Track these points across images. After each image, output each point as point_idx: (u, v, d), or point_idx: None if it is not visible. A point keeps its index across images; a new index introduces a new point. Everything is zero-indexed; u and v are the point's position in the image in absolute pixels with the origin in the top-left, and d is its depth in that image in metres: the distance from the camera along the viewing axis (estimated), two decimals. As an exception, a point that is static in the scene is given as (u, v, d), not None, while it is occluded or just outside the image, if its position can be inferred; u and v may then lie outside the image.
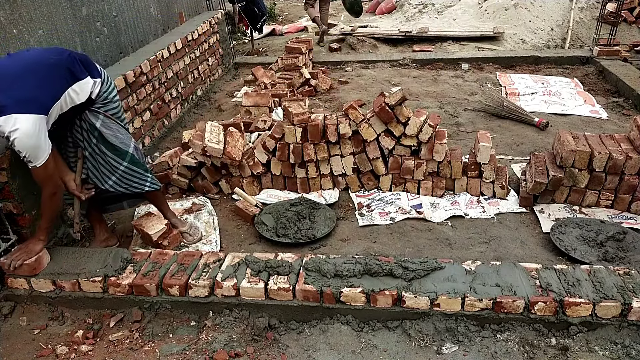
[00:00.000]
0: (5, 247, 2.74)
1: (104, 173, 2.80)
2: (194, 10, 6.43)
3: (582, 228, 3.07)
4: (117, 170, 2.79)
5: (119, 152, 2.76)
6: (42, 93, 2.32)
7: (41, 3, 3.49)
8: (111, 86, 2.74)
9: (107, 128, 2.70)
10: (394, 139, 3.45)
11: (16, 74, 2.28)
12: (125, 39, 4.71)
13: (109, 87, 2.71)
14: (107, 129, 2.70)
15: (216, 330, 2.46)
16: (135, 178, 2.86)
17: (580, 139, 3.32)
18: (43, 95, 2.32)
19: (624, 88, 5.27)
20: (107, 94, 2.69)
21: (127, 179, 2.84)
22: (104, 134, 2.70)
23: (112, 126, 2.73)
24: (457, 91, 5.61)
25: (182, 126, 5.02)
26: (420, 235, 3.17)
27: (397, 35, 7.63)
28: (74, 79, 2.47)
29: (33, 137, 2.24)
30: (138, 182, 2.88)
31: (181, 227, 3.16)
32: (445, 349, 2.31)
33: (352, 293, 2.42)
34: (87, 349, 2.40)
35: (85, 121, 2.67)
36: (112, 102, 2.73)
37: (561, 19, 7.69)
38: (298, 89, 5.52)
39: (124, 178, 2.83)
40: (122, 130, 2.79)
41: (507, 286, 2.39)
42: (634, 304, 2.26)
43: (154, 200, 3.12)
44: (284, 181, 3.69)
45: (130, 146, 2.81)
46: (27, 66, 2.33)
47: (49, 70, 2.38)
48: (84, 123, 2.68)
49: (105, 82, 2.68)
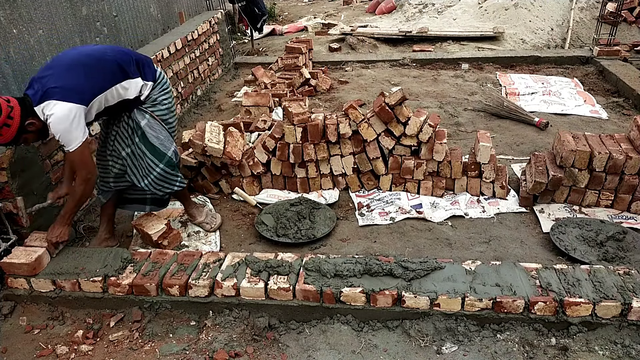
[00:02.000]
0: (5, 247, 2.74)
1: (141, 173, 2.93)
2: (194, 10, 6.42)
3: (582, 228, 3.07)
4: (153, 171, 2.91)
5: (157, 154, 2.88)
6: (85, 85, 2.50)
7: (41, 3, 3.49)
8: (165, 90, 2.89)
9: (150, 128, 2.83)
10: (394, 139, 3.45)
11: (69, 65, 2.50)
12: (125, 39, 4.71)
13: (161, 91, 2.86)
14: (151, 129, 2.83)
15: (216, 330, 2.46)
16: (168, 181, 2.98)
17: (580, 139, 3.32)
18: (86, 87, 2.51)
19: (624, 88, 5.26)
20: (158, 96, 2.85)
21: (162, 180, 2.96)
22: (146, 133, 2.83)
23: (156, 127, 2.86)
24: (457, 91, 5.61)
25: (182, 126, 5.01)
26: (420, 235, 3.17)
27: (397, 35, 7.63)
28: (125, 77, 2.65)
29: (65, 123, 2.41)
30: (170, 184, 3.01)
31: (199, 217, 3.29)
32: (445, 349, 2.31)
33: (352, 293, 2.42)
34: (87, 348, 2.40)
35: (132, 119, 2.82)
36: (161, 104, 2.86)
37: (561, 19, 7.69)
38: (298, 89, 5.52)
39: (159, 180, 2.94)
40: (165, 132, 2.91)
41: (507, 286, 2.39)
42: (634, 304, 2.26)
43: (181, 195, 3.25)
44: (284, 181, 3.69)
45: (170, 149, 2.93)
46: (80, 58, 2.55)
47: (99, 64, 2.58)
48: (131, 121, 2.83)
49: (158, 85, 2.85)
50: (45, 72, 2.49)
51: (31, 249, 2.69)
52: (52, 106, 2.39)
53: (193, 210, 3.32)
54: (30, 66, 3.30)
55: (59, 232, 2.69)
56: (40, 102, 2.41)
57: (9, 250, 2.73)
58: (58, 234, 2.69)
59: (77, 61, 2.53)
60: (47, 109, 2.40)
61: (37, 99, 2.41)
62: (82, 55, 2.59)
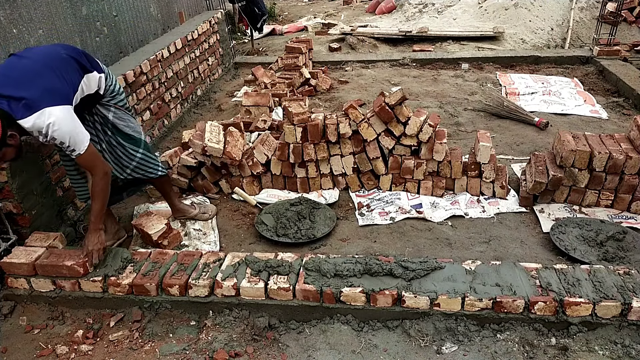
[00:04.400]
0: (5, 247, 2.74)
1: (123, 163, 2.93)
2: (194, 10, 6.42)
3: (582, 228, 3.07)
4: (134, 158, 2.93)
5: (134, 141, 2.90)
6: (64, 85, 2.40)
7: (41, 3, 3.49)
8: (114, 79, 2.83)
9: (119, 119, 2.83)
10: (394, 139, 3.45)
11: (36, 71, 2.33)
12: (125, 39, 4.71)
13: (112, 81, 2.81)
14: (120, 119, 2.83)
15: (216, 330, 2.46)
16: (150, 164, 3.02)
17: (580, 139, 3.32)
18: (65, 87, 2.40)
19: (624, 88, 5.26)
20: (113, 87, 2.79)
21: (145, 164, 2.99)
22: (117, 125, 2.82)
23: (124, 117, 2.86)
24: (457, 91, 5.61)
25: (182, 126, 5.01)
26: (420, 235, 3.17)
27: (397, 35, 7.63)
28: (84, 72, 2.56)
29: (70, 124, 2.33)
30: (153, 167, 3.05)
31: (192, 210, 3.28)
32: (445, 349, 2.31)
33: (352, 293, 2.42)
34: (87, 348, 2.40)
35: (97, 115, 2.78)
36: (119, 94, 2.84)
37: (561, 19, 7.68)
38: (298, 88, 5.52)
39: (142, 165, 2.98)
40: (132, 119, 2.92)
41: (507, 286, 2.39)
42: (634, 304, 2.26)
43: (163, 186, 3.22)
44: (284, 181, 3.69)
45: (142, 134, 2.97)
46: (44, 62, 2.40)
47: (64, 64, 2.46)
48: (97, 117, 2.79)
49: (108, 76, 2.77)
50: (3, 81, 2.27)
51: (31, 249, 2.69)
52: (48, 113, 2.25)
53: (182, 205, 3.31)
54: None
55: (96, 240, 2.64)
56: (26, 115, 2.22)
57: (9, 250, 2.73)
58: (96, 241, 2.64)
59: (43, 64, 2.37)
60: (42, 117, 2.24)
61: (20, 112, 2.22)
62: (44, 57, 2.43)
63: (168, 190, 3.27)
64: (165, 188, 3.24)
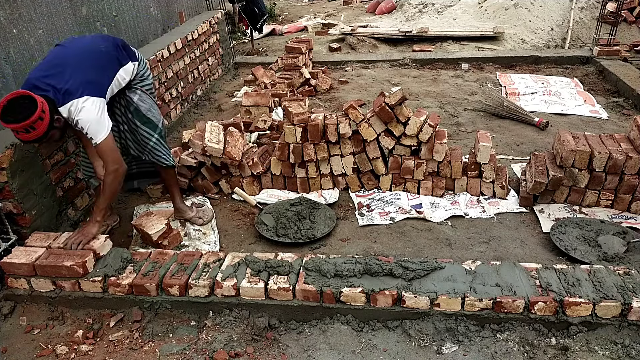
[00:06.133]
0: (5, 247, 2.74)
1: (141, 144, 3.10)
2: (194, 10, 6.42)
3: (582, 228, 3.07)
4: (149, 142, 3.08)
5: (151, 125, 3.04)
6: (100, 79, 2.67)
7: (41, 3, 3.49)
8: (146, 65, 3.06)
9: (143, 102, 2.99)
10: (394, 139, 3.45)
11: (76, 63, 2.61)
12: (125, 39, 4.68)
13: (144, 66, 3.03)
14: (144, 102, 2.99)
15: (216, 330, 2.46)
16: (163, 151, 3.15)
17: (580, 139, 3.32)
18: (101, 80, 2.68)
19: (624, 88, 5.26)
20: (144, 72, 3.01)
21: (158, 150, 3.12)
22: (139, 107, 2.98)
23: (148, 100, 3.03)
24: (457, 91, 5.60)
25: (182, 126, 5.01)
26: (420, 235, 3.17)
27: (397, 35, 7.63)
28: (120, 65, 2.81)
29: (95, 114, 2.56)
30: (166, 155, 3.17)
31: (190, 212, 3.33)
32: (445, 349, 2.31)
33: (352, 293, 2.42)
34: (87, 348, 2.40)
35: (123, 98, 2.96)
36: (147, 78, 3.04)
37: (561, 19, 7.69)
38: (298, 88, 5.52)
39: (155, 149, 3.11)
40: (156, 106, 3.09)
41: (507, 286, 2.39)
42: (634, 304, 2.26)
43: (169, 179, 3.29)
44: (284, 181, 3.69)
45: (160, 121, 3.11)
46: (84, 55, 2.67)
47: (102, 57, 2.72)
48: (122, 100, 2.97)
49: (141, 62, 2.99)
50: (49, 71, 2.55)
51: (31, 249, 2.69)
52: (81, 102, 2.52)
53: (182, 205, 3.34)
54: (30, 66, 3.30)
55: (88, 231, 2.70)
56: (64, 102, 2.51)
57: (9, 250, 2.73)
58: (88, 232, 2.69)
59: (83, 57, 2.64)
60: (75, 106, 2.52)
61: (60, 99, 2.50)
62: (84, 51, 2.69)
63: (173, 184, 3.32)
64: (171, 182, 3.31)
